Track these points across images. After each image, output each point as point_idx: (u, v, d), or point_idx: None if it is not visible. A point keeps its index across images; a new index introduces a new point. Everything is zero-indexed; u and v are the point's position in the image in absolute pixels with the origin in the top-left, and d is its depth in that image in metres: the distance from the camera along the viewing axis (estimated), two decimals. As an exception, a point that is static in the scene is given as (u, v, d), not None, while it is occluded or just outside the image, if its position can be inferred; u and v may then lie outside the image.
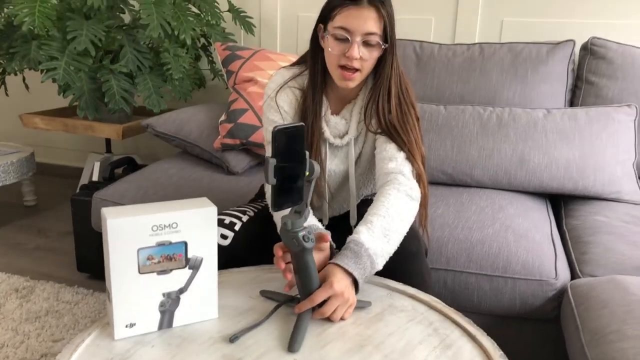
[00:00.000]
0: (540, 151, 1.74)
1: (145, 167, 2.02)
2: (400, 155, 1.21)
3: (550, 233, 1.56)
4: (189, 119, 2.07)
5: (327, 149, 1.28)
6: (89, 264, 2.04)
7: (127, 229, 0.87)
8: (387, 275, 1.15)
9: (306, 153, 0.91)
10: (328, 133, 1.27)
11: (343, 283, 0.98)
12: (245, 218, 1.29)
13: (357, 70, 1.17)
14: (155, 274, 0.91)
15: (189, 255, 0.93)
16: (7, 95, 2.61)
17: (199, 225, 0.92)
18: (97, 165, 2.55)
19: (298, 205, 0.94)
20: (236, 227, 1.25)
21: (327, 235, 1.07)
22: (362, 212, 1.15)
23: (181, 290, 0.94)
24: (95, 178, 2.53)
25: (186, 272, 0.93)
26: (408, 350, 0.91)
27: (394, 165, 1.19)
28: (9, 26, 2.20)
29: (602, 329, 1.10)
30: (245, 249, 1.23)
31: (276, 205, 0.90)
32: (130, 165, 2.34)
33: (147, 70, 2.27)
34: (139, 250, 0.88)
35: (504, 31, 2.24)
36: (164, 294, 0.93)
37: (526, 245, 1.46)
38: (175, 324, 0.95)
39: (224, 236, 1.23)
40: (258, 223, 1.29)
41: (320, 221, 1.35)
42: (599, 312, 1.16)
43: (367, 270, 1.03)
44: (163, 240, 0.90)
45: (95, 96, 2.26)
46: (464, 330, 0.98)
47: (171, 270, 0.92)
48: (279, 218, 1.17)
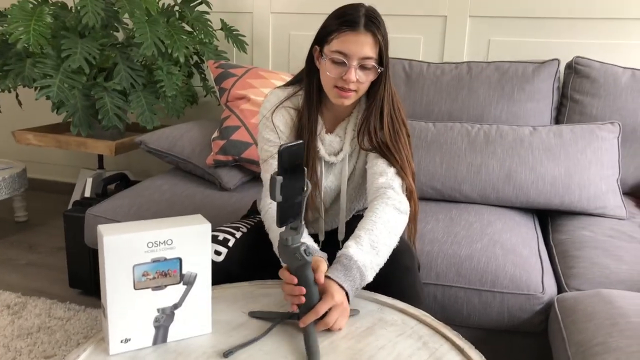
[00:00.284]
0: (527, 167, 1.78)
1: (138, 184, 2.03)
2: (391, 171, 1.24)
3: (538, 248, 1.59)
4: (182, 136, 2.09)
5: (323, 167, 1.31)
6: (81, 280, 2.04)
7: (123, 246, 0.88)
8: (381, 290, 1.18)
9: (305, 170, 0.94)
10: (323, 151, 1.30)
11: (341, 294, 1.02)
12: (238, 234, 1.31)
13: (353, 91, 1.21)
14: (150, 289, 0.92)
15: (184, 271, 0.95)
16: (0, 111, 2.62)
17: (194, 241, 0.94)
18: (90, 181, 2.56)
19: (295, 221, 0.97)
20: (230, 244, 1.27)
21: (325, 262, 1.09)
22: (353, 228, 1.18)
23: (175, 306, 0.95)
24: (88, 194, 2.54)
25: (180, 288, 0.95)
26: (398, 363, 0.93)
27: (384, 180, 1.23)
28: (4, 44, 2.22)
29: (588, 342, 1.13)
30: (239, 265, 1.25)
31: (281, 222, 0.93)
32: (123, 181, 2.35)
33: (141, 88, 2.30)
34: (134, 266, 0.90)
35: (491, 50, 2.29)
36: (158, 310, 0.94)
37: (514, 259, 1.49)
38: (169, 339, 0.97)
39: (217, 252, 1.24)
40: (252, 239, 1.31)
41: (316, 236, 1.38)
42: (585, 325, 1.19)
43: (357, 283, 1.07)
44: (158, 257, 0.92)
45: (88, 113, 2.28)
46: (453, 344, 1.00)
47: (166, 286, 0.94)
48: (274, 236, 1.18)
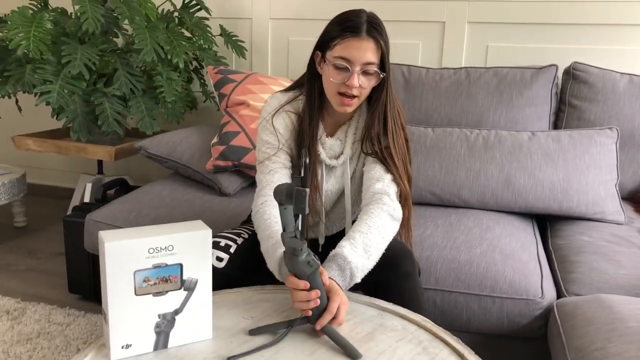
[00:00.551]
0: (526, 172, 1.79)
1: (138, 189, 2.04)
2: (388, 177, 1.26)
3: (537, 253, 1.60)
4: (182, 141, 2.10)
5: (323, 170, 1.32)
6: (80, 285, 2.04)
7: (125, 252, 0.89)
8: (382, 295, 1.19)
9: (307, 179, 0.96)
10: (324, 155, 1.31)
11: (342, 291, 1.06)
12: (240, 240, 1.31)
13: (355, 97, 1.22)
14: (151, 295, 0.93)
15: (184, 277, 0.95)
16: (0, 117, 2.62)
17: (195, 247, 0.94)
18: (89, 186, 2.56)
19: (298, 231, 0.98)
20: (231, 250, 1.27)
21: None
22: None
23: (176, 312, 0.96)
24: (87, 199, 2.54)
25: (181, 294, 0.95)
26: (398, 368, 0.93)
27: (380, 186, 1.25)
28: (4, 50, 2.23)
29: (587, 347, 1.13)
30: (240, 272, 1.26)
31: (304, 233, 0.95)
32: (123, 186, 2.36)
33: (140, 93, 2.30)
34: (135, 272, 0.90)
35: (489, 56, 2.30)
36: (159, 315, 0.94)
37: (513, 265, 1.49)
38: (170, 345, 0.97)
39: (219, 259, 1.25)
40: (253, 245, 1.31)
41: (316, 241, 1.38)
42: (584, 330, 1.19)
43: (347, 282, 1.10)
44: (159, 263, 0.92)
45: (88, 119, 2.28)
46: (452, 349, 1.00)
47: (167, 291, 0.94)
48: (265, 235, 1.18)
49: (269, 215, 1.20)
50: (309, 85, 1.29)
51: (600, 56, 2.16)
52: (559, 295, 1.45)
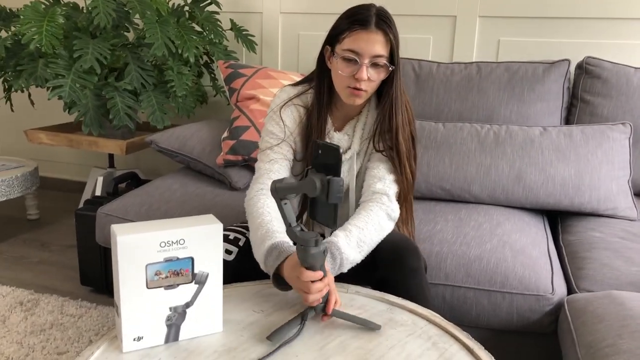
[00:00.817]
0: (537, 168, 1.78)
1: (149, 183, 2.05)
2: (389, 178, 1.29)
3: (547, 249, 1.59)
4: (192, 135, 2.11)
5: None
6: (92, 278, 2.06)
7: (136, 245, 0.90)
8: (389, 291, 1.19)
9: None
10: None
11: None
12: (249, 234, 1.32)
13: (364, 90, 1.22)
14: (162, 288, 0.94)
15: (196, 271, 0.96)
16: (13, 110, 2.65)
17: (205, 241, 0.95)
18: (100, 180, 2.58)
19: (303, 224, 1.00)
20: (240, 243, 1.28)
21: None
22: None
23: (187, 305, 0.97)
24: (99, 193, 2.56)
25: (192, 287, 0.96)
26: (408, 363, 0.94)
27: (381, 186, 1.27)
28: (17, 44, 2.25)
29: (598, 343, 1.13)
30: (249, 264, 1.26)
31: (336, 223, 0.99)
32: (134, 180, 2.37)
33: (151, 88, 2.31)
34: (147, 265, 0.91)
35: (500, 50, 2.28)
36: (170, 308, 0.95)
37: (523, 260, 1.48)
38: (181, 338, 0.98)
39: (228, 251, 1.25)
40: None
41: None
42: (595, 327, 1.19)
43: (335, 270, 1.14)
44: (170, 256, 0.93)
45: (100, 113, 2.30)
46: (462, 344, 1.00)
47: (178, 285, 0.95)
48: (257, 223, 1.18)
49: (263, 204, 1.21)
50: (319, 80, 1.30)
51: (614, 51, 2.13)
52: (570, 291, 1.45)
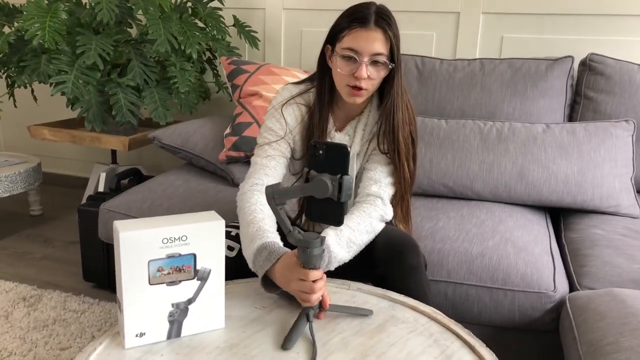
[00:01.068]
0: (540, 165, 1.77)
1: (152, 179, 2.05)
2: (386, 180, 1.29)
3: (549, 246, 1.59)
4: (195, 132, 2.11)
5: None
6: (94, 274, 2.07)
7: (139, 242, 0.90)
8: (388, 288, 1.19)
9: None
10: None
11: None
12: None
13: (365, 89, 1.22)
14: (164, 285, 0.94)
15: (198, 267, 0.96)
16: (16, 106, 2.65)
17: (208, 237, 0.95)
18: (103, 175, 2.58)
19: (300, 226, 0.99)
20: (242, 239, 1.28)
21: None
22: None
23: (189, 301, 0.97)
24: (101, 189, 2.56)
25: (195, 283, 0.96)
26: (409, 360, 0.94)
27: (376, 188, 1.28)
28: (20, 40, 2.25)
29: (599, 341, 1.13)
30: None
31: (342, 221, 0.99)
32: (136, 176, 2.38)
33: (154, 84, 2.32)
34: (149, 262, 0.91)
35: (504, 47, 2.28)
36: (173, 305, 0.96)
37: (525, 258, 1.48)
38: (183, 334, 0.98)
39: (230, 248, 1.26)
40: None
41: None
42: (597, 324, 1.19)
43: (323, 267, 1.13)
44: (173, 253, 0.93)
45: (102, 109, 2.30)
46: (464, 341, 1.00)
47: (180, 281, 0.95)
48: (249, 219, 1.18)
49: (256, 200, 1.21)
50: (320, 80, 1.29)
51: (618, 47, 2.12)
52: (572, 288, 1.45)
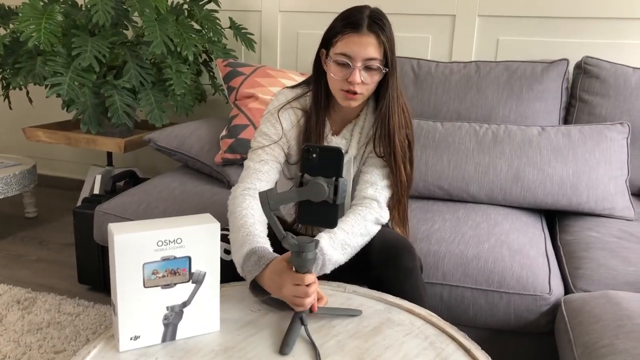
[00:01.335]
0: (535, 168, 1.78)
1: (147, 181, 2.05)
2: (382, 183, 1.29)
3: (545, 248, 1.59)
4: (191, 134, 2.11)
5: None
6: (89, 276, 2.06)
7: (134, 245, 0.90)
8: (384, 290, 1.19)
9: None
10: None
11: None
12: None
13: (359, 93, 1.22)
14: (159, 287, 0.94)
15: (193, 270, 0.96)
16: (11, 108, 2.64)
17: (203, 240, 0.95)
18: (99, 178, 2.58)
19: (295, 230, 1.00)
20: (238, 243, 1.28)
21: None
22: None
23: (184, 304, 0.97)
24: (97, 191, 2.56)
25: (189, 286, 0.96)
26: (404, 363, 0.94)
27: (372, 191, 1.28)
28: (15, 42, 2.24)
29: (595, 343, 1.13)
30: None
31: (336, 223, 0.99)
32: (132, 178, 2.37)
33: (150, 86, 2.31)
34: (144, 264, 0.91)
35: (499, 50, 2.28)
36: (167, 308, 0.95)
37: (521, 260, 1.49)
38: (178, 337, 0.98)
39: (227, 251, 1.25)
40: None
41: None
42: (592, 327, 1.19)
43: (317, 270, 1.14)
44: (168, 255, 0.93)
45: (98, 111, 2.29)
46: (459, 344, 1.00)
47: (175, 284, 0.95)
48: (240, 223, 1.17)
49: (248, 205, 1.20)
50: (316, 84, 1.30)
51: (612, 50, 2.13)
52: (567, 291, 1.45)
